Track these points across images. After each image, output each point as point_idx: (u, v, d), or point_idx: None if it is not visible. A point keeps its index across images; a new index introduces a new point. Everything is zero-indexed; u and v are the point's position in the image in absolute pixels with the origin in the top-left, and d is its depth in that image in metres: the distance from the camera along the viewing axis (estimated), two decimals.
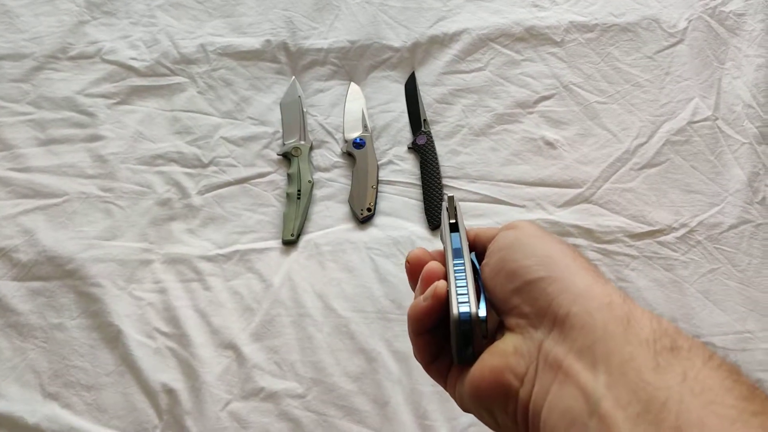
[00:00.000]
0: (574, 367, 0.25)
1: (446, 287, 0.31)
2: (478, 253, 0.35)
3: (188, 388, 0.66)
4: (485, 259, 0.33)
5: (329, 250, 0.74)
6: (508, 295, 0.29)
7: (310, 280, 0.72)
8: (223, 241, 0.75)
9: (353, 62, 0.88)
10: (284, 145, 0.81)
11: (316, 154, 0.82)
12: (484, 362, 0.29)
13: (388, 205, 0.78)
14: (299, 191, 0.77)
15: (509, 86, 0.85)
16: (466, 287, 0.30)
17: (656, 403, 0.22)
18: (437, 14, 0.91)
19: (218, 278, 0.72)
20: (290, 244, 0.74)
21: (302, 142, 0.81)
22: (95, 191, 0.77)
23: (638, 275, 0.72)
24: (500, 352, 0.28)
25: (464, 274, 0.31)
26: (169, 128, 0.83)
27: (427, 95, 0.86)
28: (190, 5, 0.93)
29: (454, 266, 0.32)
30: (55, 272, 0.71)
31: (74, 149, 0.80)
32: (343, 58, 0.88)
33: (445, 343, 0.32)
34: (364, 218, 0.76)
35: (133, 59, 0.87)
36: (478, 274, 0.32)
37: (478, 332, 0.29)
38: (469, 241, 0.35)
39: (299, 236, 0.75)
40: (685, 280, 0.72)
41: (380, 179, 0.80)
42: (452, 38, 0.89)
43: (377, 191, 0.78)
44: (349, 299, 0.70)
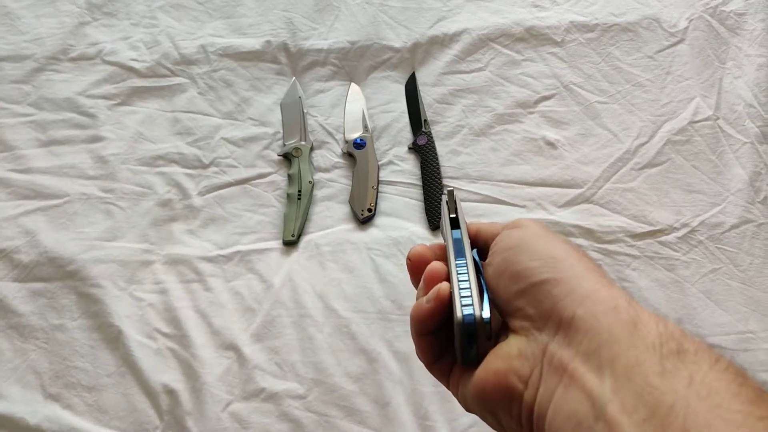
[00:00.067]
0: (579, 370, 0.25)
1: (449, 289, 0.30)
2: (479, 249, 0.35)
3: (189, 388, 0.66)
4: (488, 258, 0.32)
5: (330, 250, 0.74)
6: (512, 296, 0.29)
7: (310, 280, 0.72)
8: (223, 241, 0.75)
9: (353, 63, 0.88)
10: (285, 145, 0.82)
11: (316, 154, 0.82)
12: (488, 365, 0.28)
13: (388, 205, 0.78)
14: (300, 192, 0.77)
15: (509, 86, 0.85)
16: (469, 288, 0.30)
17: (663, 407, 0.22)
18: (437, 14, 0.91)
19: (219, 279, 0.72)
20: (291, 244, 0.74)
21: (303, 142, 0.81)
22: (96, 192, 0.77)
23: (639, 275, 0.72)
24: (504, 354, 0.28)
25: (467, 274, 0.31)
26: (169, 129, 0.83)
27: (427, 95, 0.86)
28: (190, 6, 0.93)
29: (456, 266, 0.32)
30: (56, 273, 0.71)
31: (75, 150, 0.81)
32: (343, 58, 0.88)
33: (447, 343, 0.32)
34: (364, 219, 0.76)
35: (133, 60, 0.87)
36: (480, 272, 0.32)
37: (482, 334, 0.29)
38: (470, 236, 0.35)
39: (300, 237, 0.75)
40: (686, 280, 0.72)
41: (381, 179, 0.80)
42: (452, 38, 0.89)
43: (378, 191, 0.78)
44: (349, 300, 0.70)
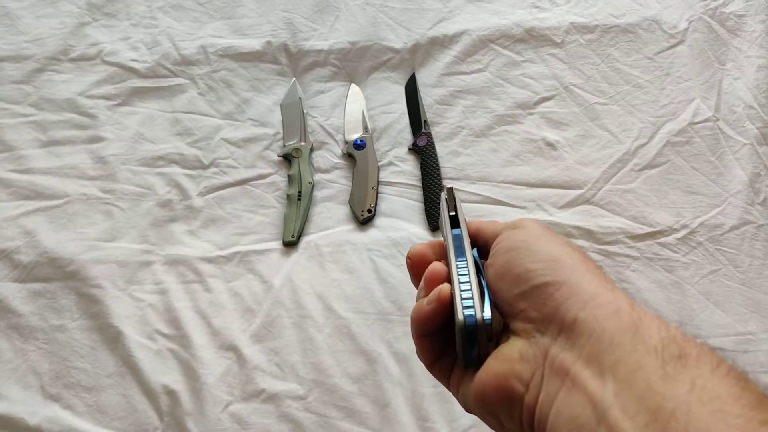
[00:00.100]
0: (581, 374, 0.24)
1: (450, 291, 0.30)
2: (479, 247, 0.35)
3: (189, 389, 0.66)
4: (490, 259, 0.32)
5: (330, 251, 0.74)
6: (514, 299, 0.29)
7: (310, 281, 0.72)
8: (223, 242, 0.75)
9: (354, 63, 0.88)
10: (285, 146, 0.82)
11: (316, 155, 0.82)
12: (489, 367, 0.28)
13: (388, 206, 0.78)
14: (300, 192, 0.77)
15: (509, 87, 0.85)
16: (470, 290, 0.30)
17: (664, 412, 0.22)
18: (437, 15, 0.91)
19: (219, 279, 0.72)
20: (291, 245, 0.74)
21: (303, 143, 0.81)
22: (96, 192, 0.78)
23: (639, 276, 0.72)
24: (506, 357, 0.28)
25: (468, 275, 0.31)
26: (169, 129, 0.83)
27: (427, 96, 0.86)
28: (190, 7, 0.93)
29: (457, 267, 0.31)
30: (56, 274, 0.71)
31: (75, 151, 0.81)
32: (343, 59, 0.88)
33: (447, 343, 0.32)
34: (364, 219, 0.76)
35: (133, 61, 0.87)
36: (480, 272, 0.32)
37: (483, 336, 0.29)
38: (470, 234, 0.35)
39: (300, 237, 0.75)
40: (686, 281, 0.72)
41: (380, 180, 0.80)
42: (452, 39, 0.89)
43: (377, 192, 0.78)
44: (349, 300, 0.70)
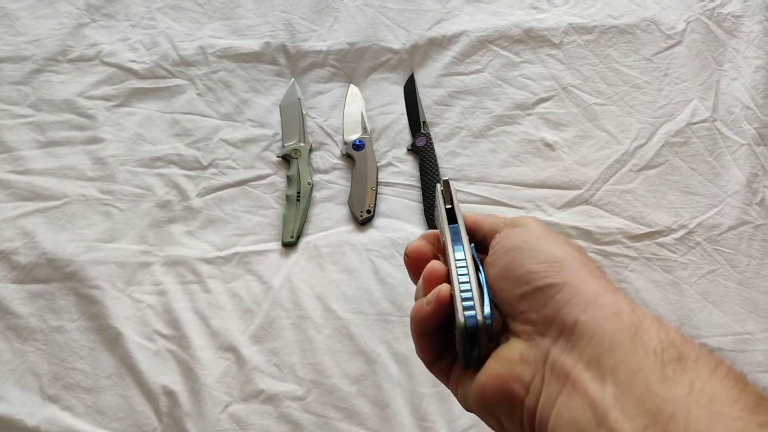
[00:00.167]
0: (581, 377, 0.25)
1: (449, 291, 0.30)
2: (477, 242, 0.34)
3: (188, 390, 0.66)
4: (489, 257, 0.32)
5: (329, 252, 0.74)
6: (515, 300, 0.29)
7: (309, 282, 0.72)
8: (222, 243, 0.75)
9: (352, 64, 0.89)
10: (284, 147, 0.82)
11: (315, 156, 0.82)
12: (489, 369, 0.28)
13: (387, 206, 0.78)
14: (299, 193, 0.77)
15: (508, 88, 0.86)
16: (470, 290, 0.29)
17: (663, 415, 0.22)
18: (436, 16, 0.92)
19: (218, 280, 0.72)
20: (290, 246, 0.75)
21: (302, 144, 0.81)
22: (95, 193, 0.77)
23: (637, 276, 0.72)
24: (506, 359, 0.28)
25: (467, 275, 0.30)
26: (168, 130, 0.83)
27: (426, 97, 0.86)
28: (189, 8, 0.93)
29: (456, 266, 0.31)
30: (54, 275, 0.71)
31: (74, 151, 0.81)
32: (342, 60, 0.89)
33: (447, 342, 0.32)
34: (363, 220, 0.76)
35: (132, 61, 0.87)
36: (479, 269, 0.32)
37: (484, 337, 0.29)
38: (467, 227, 0.34)
39: (299, 238, 0.75)
40: (684, 281, 0.72)
41: (379, 181, 0.80)
42: (451, 40, 0.89)
43: (377, 193, 0.78)
44: (348, 301, 0.71)
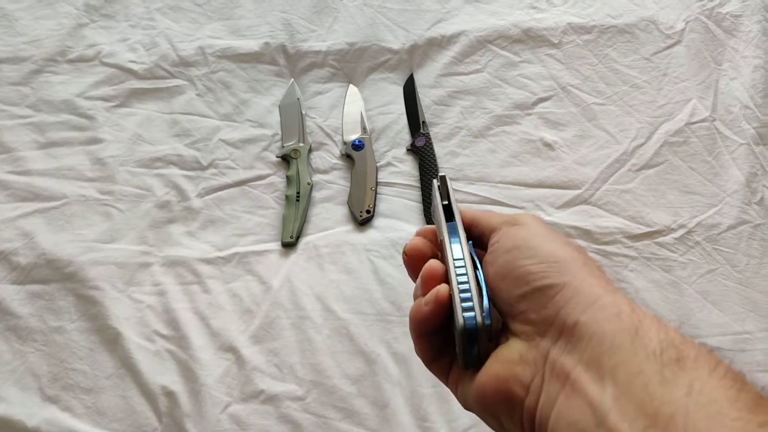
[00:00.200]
0: (581, 378, 0.25)
1: (448, 292, 0.30)
2: (474, 238, 0.34)
3: (188, 390, 0.66)
4: (488, 256, 0.32)
5: (328, 252, 0.74)
6: (514, 300, 0.29)
7: (309, 282, 0.72)
8: (222, 243, 0.75)
9: (352, 64, 0.89)
10: (283, 147, 0.82)
11: (315, 156, 0.82)
12: (489, 369, 0.28)
13: (387, 206, 0.78)
14: (298, 193, 0.77)
15: (507, 88, 0.86)
16: (469, 291, 0.29)
17: (663, 416, 0.22)
18: (435, 16, 0.92)
19: (217, 281, 0.72)
20: (289, 246, 0.75)
21: (301, 144, 0.82)
22: (94, 194, 0.77)
23: (637, 276, 0.72)
24: (505, 359, 0.28)
25: (466, 275, 0.30)
26: (168, 131, 0.83)
27: (425, 97, 0.86)
28: (188, 8, 0.93)
29: (455, 266, 0.31)
30: (54, 275, 0.71)
31: (73, 152, 0.81)
32: (341, 60, 0.89)
33: (446, 341, 0.32)
34: (363, 220, 0.76)
35: (132, 62, 0.87)
36: (477, 267, 0.31)
37: (484, 337, 0.29)
38: (464, 224, 0.34)
39: (298, 238, 0.75)
40: (683, 280, 0.72)
41: (379, 181, 0.80)
42: (450, 40, 0.89)
43: (376, 193, 0.78)
44: (348, 301, 0.71)
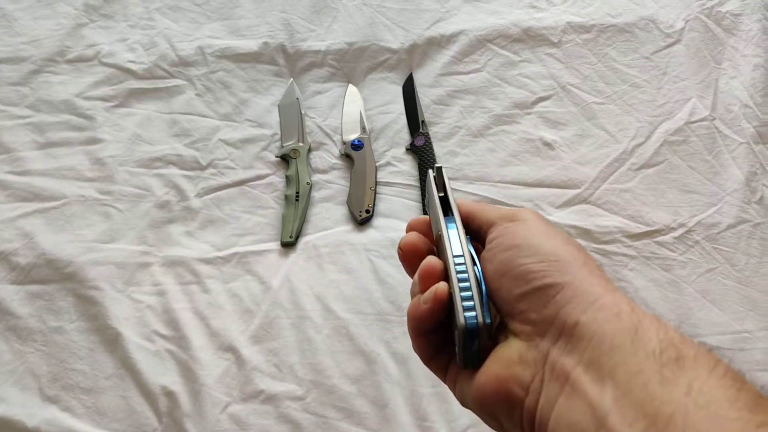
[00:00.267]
0: (581, 379, 0.25)
1: (447, 290, 0.29)
2: (471, 231, 0.33)
3: (188, 390, 0.66)
4: (487, 253, 0.31)
5: (328, 251, 0.74)
6: (514, 299, 0.29)
7: (308, 282, 0.72)
8: (221, 243, 0.75)
9: (351, 64, 0.88)
10: (282, 147, 0.82)
11: (314, 155, 0.82)
12: (488, 369, 0.28)
13: (386, 206, 0.78)
14: (298, 193, 0.77)
15: (507, 87, 0.86)
16: (470, 290, 0.29)
17: (662, 417, 0.22)
18: (435, 16, 0.92)
19: (217, 280, 0.72)
20: (289, 246, 0.75)
21: (300, 144, 0.81)
22: (94, 194, 0.77)
23: (636, 275, 0.72)
24: (505, 359, 0.28)
25: (466, 273, 0.30)
26: (167, 131, 0.83)
27: (425, 96, 0.86)
28: (188, 8, 0.93)
29: (455, 263, 0.30)
30: (54, 275, 0.71)
31: (73, 152, 0.81)
32: (341, 60, 0.89)
33: (445, 339, 0.32)
34: (362, 220, 0.76)
35: (131, 62, 0.87)
36: (476, 263, 0.31)
37: (484, 337, 0.28)
38: (461, 216, 0.33)
39: (298, 238, 0.75)
40: (683, 279, 0.72)
41: (378, 181, 0.80)
42: (450, 40, 0.89)
43: (376, 193, 0.78)
44: (348, 301, 0.71)
